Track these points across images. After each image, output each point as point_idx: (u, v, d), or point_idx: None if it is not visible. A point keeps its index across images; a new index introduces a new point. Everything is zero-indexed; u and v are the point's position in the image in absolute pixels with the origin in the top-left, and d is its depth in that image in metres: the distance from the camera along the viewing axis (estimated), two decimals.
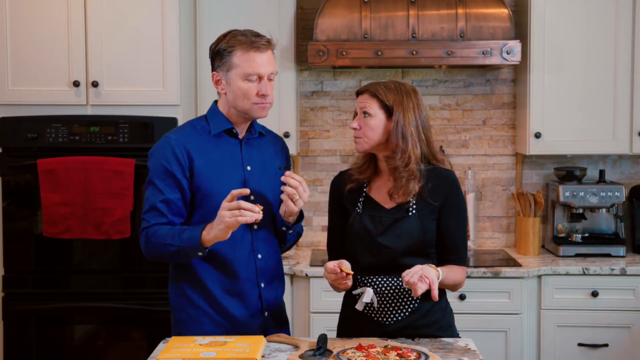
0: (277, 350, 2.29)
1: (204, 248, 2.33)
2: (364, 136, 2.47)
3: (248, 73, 2.39)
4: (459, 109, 4.18)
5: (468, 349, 2.32)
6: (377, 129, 2.47)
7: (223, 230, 2.27)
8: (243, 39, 2.41)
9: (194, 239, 2.32)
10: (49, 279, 3.54)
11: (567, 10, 3.80)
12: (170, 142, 2.43)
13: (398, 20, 3.71)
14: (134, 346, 3.57)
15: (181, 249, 2.34)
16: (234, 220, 2.24)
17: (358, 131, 2.49)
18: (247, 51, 2.39)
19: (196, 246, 2.32)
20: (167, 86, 3.50)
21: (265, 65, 2.41)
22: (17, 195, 3.52)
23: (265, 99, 2.42)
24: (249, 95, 2.41)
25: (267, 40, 2.43)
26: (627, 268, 3.63)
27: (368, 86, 2.51)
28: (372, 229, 2.46)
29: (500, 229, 4.20)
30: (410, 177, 2.43)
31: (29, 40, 3.50)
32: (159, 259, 2.43)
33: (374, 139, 2.47)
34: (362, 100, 2.50)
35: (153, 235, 2.38)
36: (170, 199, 2.40)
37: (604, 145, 3.86)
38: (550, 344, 3.63)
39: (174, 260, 2.42)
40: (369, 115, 2.47)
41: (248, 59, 2.39)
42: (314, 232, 4.21)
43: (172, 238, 2.34)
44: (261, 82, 2.41)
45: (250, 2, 3.84)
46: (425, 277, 2.27)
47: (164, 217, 2.40)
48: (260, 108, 2.44)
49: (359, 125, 2.48)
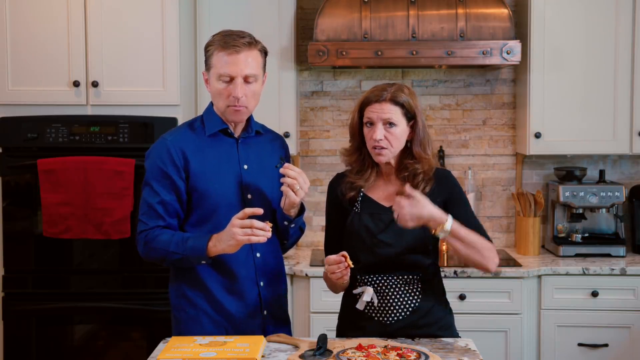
0: (277, 350, 2.29)
1: (209, 258, 2.35)
2: (390, 147, 2.41)
3: (220, 73, 2.38)
4: (459, 109, 4.18)
5: (468, 349, 2.32)
6: (402, 137, 2.43)
7: (233, 246, 2.30)
8: (221, 38, 2.39)
9: (199, 250, 2.34)
10: (49, 279, 3.54)
11: (567, 10, 3.80)
12: (166, 143, 2.44)
13: (398, 20, 3.70)
14: (134, 346, 3.57)
15: (184, 257, 2.36)
16: (246, 239, 2.27)
17: (382, 141, 2.40)
18: (222, 51, 2.37)
19: (201, 256, 2.35)
20: (167, 86, 3.50)
21: (238, 65, 2.36)
22: (17, 195, 3.52)
23: (239, 102, 2.38)
24: (222, 95, 2.39)
25: (246, 41, 2.38)
26: (627, 268, 3.63)
27: (386, 94, 2.41)
28: (373, 227, 2.46)
29: (500, 229, 4.20)
30: (428, 180, 2.45)
31: (29, 40, 3.50)
32: (157, 262, 2.45)
33: (399, 148, 2.44)
34: (383, 108, 2.39)
35: (153, 240, 2.39)
36: (166, 200, 2.41)
37: (604, 145, 3.86)
38: (550, 344, 3.63)
39: (174, 265, 2.46)
40: (394, 125, 2.40)
41: (222, 59, 2.37)
42: (314, 232, 4.21)
43: (175, 246, 2.36)
44: (232, 83, 2.37)
45: (250, 2, 3.84)
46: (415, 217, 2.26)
47: (162, 219, 2.41)
48: (234, 111, 2.41)
49: (384, 136, 2.40)
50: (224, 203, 2.41)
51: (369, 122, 2.43)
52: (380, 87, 2.45)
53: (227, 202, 2.41)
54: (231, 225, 2.29)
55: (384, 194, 2.51)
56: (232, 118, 2.44)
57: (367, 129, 2.45)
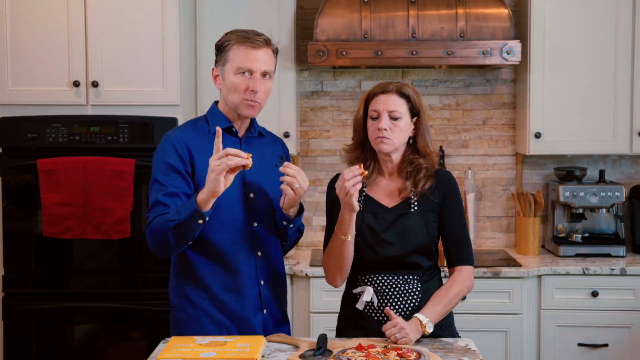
0: (277, 350, 2.29)
1: (203, 213, 2.28)
2: (393, 138, 2.43)
3: (239, 67, 2.41)
4: (459, 109, 4.18)
5: (468, 349, 2.32)
6: (405, 131, 2.46)
7: (214, 180, 2.22)
8: (241, 34, 2.44)
9: (190, 204, 2.28)
10: (49, 279, 3.54)
11: (567, 10, 3.81)
12: (171, 139, 2.45)
13: (398, 20, 3.71)
14: (134, 346, 3.57)
15: (181, 221, 2.29)
16: (223, 165, 2.21)
17: (386, 132, 2.42)
18: (242, 45, 2.41)
19: (194, 211, 2.27)
20: (167, 86, 3.50)
21: (258, 61, 2.41)
22: (17, 195, 3.52)
23: (255, 97, 2.42)
24: (238, 89, 2.41)
25: (265, 39, 2.44)
26: (627, 268, 3.63)
27: (392, 87, 2.45)
28: (376, 226, 2.47)
29: (500, 229, 4.20)
30: (429, 177, 2.46)
31: (29, 40, 3.50)
32: (165, 247, 2.36)
33: (402, 141, 2.46)
34: (389, 100, 2.44)
35: (155, 225, 2.35)
36: (173, 192, 2.39)
37: (604, 145, 3.86)
38: (550, 344, 3.63)
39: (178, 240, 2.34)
40: (399, 117, 2.43)
41: (241, 53, 2.41)
42: (314, 232, 4.21)
43: (172, 214, 2.31)
44: (252, 77, 2.41)
45: (250, 2, 3.84)
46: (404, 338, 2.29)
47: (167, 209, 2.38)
48: (249, 106, 2.43)
49: (389, 126, 2.42)
50: (227, 201, 2.40)
51: (375, 114, 2.45)
52: (386, 82, 2.51)
53: (230, 200, 2.41)
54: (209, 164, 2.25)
55: (385, 193, 2.51)
56: (245, 112, 2.45)
57: (371, 122, 2.47)
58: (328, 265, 2.50)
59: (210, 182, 2.24)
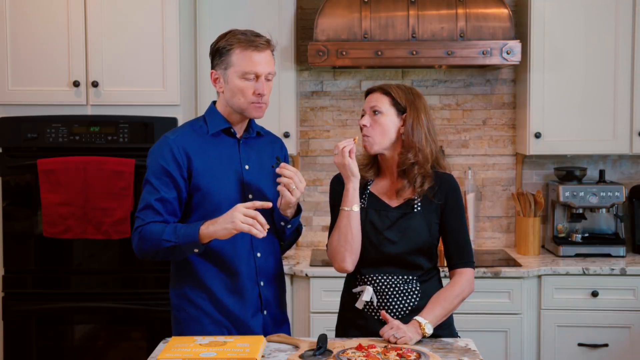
0: (277, 350, 2.29)
1: (201, 244, 2.33)
2: (374, 135, 2.47)
3: (245, 71, 2.40)
4: (459, 109, 4.18)
5: (468, 349, 2.32)
6: (387, 126, 2.48)
7: (228, 230, 2.28)
8: (242, 37, 2.42)
9: (192, 235, 2.31)
10: (49, 279, 3.54)
11: (567, 10, 3.80)
12: (169, 142, 2.44)
13: (398, 20, 3.71)
14: (134, 346, 3.57)
15: (177, 245, 2.33)
16: (246, 227, 2.25)
17: (366, 129, 2.47)
18: (245, 49, 2.40)
19: (193, 242, 2.32)
20: (167, 86, 3.50)
21: (263, 64, 2.41)
22: (17, 195, 3.52)
23: (262, 99, 2.43)
24: (245, 93, 2.41)
25: (266, 41, 2.44)
26: (627, 268, 3.63)
27: (379, 85, 2.53)
28: (379, 223, 2.48)
29: (500, 229, 4.20)
30: (425, 175, 2.46)
31: (29, 40, 3.50)
32: (152, 257, 2.41)
33: (386, 138, 2.48)
34: (372, 98, 2.50)
35: (147, 232, 2.37)
36: (166, 198, 2.40)
37: (604, 145, 3.86)
38: (550, 344, 3.63)
39: (167, 257, 2.40)
40: (379, 112, 2.47)
41: (246, 58, 2.40)
42: (314, 232, 4.21)
43: (168, 234, 2.33)
44: (258, 81, 2.42)
45: (250, 2, 3.84)
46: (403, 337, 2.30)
47: (159, 216, 2.40)
48: (256, 108, 2.44)
49: (369, 122, 2.48)
50: (226, 202, 2.40)
51: (362, 113, 2.54)
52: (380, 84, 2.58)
53: (228, 202, 2.41)
54: (234, 210, 2.27)
55: (388, 192, 2.53)
56: (254, 115, 2.46)
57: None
58: (337, 246, 2.47)
59: (222, 229, 2.28)
